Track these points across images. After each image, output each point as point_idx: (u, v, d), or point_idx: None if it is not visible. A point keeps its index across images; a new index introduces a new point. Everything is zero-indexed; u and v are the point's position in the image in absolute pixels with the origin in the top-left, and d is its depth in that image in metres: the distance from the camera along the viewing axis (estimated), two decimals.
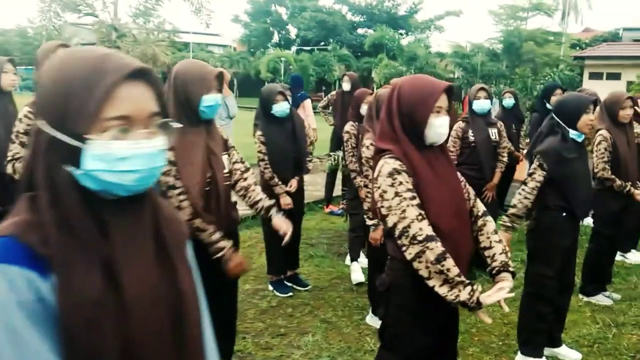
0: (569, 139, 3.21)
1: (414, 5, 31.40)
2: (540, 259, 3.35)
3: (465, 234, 2.12)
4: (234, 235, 2.86)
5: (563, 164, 3.18)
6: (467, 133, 4.89)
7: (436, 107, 2.04)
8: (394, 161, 2.03)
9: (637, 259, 5.40)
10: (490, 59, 15.41)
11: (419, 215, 1.96)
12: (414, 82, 2.12)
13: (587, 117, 3.18)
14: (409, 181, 2.00)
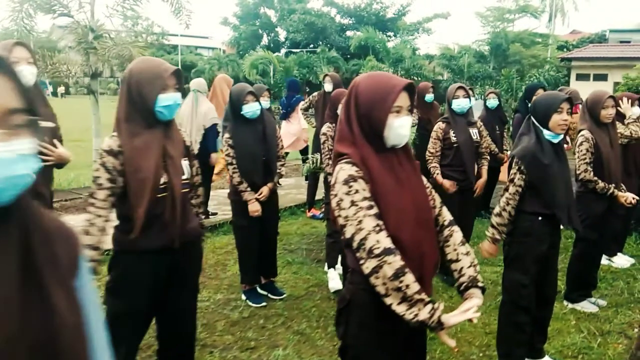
0: (544, 140, 3.04)
1: (402, 7, 31.33)
2: (515, 266, 3.19)
3: (430, 245, 1.93)
4: (194, 247, 2.65)
5: (538, 165, 3.01)
6: (449, 134, 4.71)
7: (395, 106, 1.85)
8: (350, 167, 1.84)
9: (623, 262, 5.23)
10: (478, 61, 15.29)
11: (377, 226, 1.77)
12: (371, 80, 1.92)
13: (558, 116, 3.01)
14: (366, 189, 1.81)
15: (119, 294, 2.47)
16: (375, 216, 1.78)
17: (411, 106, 1.92)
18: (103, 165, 2.33)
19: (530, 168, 3.02)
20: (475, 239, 6.11)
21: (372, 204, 1.79)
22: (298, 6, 32.73)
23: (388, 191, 1.82)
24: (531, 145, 3.05)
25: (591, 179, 4.03)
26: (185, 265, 2.57)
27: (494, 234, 3.17)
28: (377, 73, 1.96)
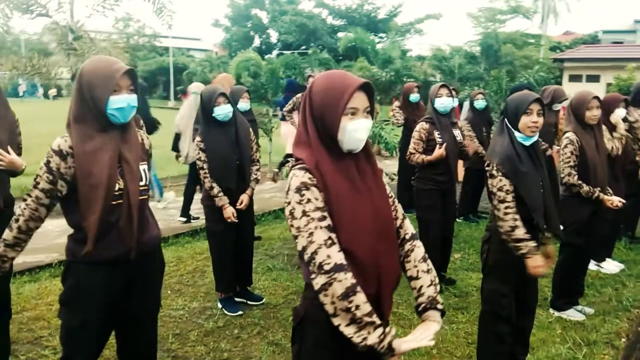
0: (517, 142, 2.92)
1: (394, 8, 31.27)
2: (494, 275, 3.07)
3: (389, 259, 1.79)
4: (153, 258, 2.50)
5: (514, 169, 2.88)
6: (433, 134, 4.58)
7: (350, 108, 1.71)
8: (303, 174, 1.70)
9: (612, 268, 5.11)
10: (469, 62, 15.21)
11: (328, 239, 1.64)
12: (326, 79, 1.77)
13: (527, 118, 2.88)
14: (319, 197, 1.68)
15: (72, 306, 2.33)
16: (328, 228, 1.65)
17: (370, 108, 1.78)
18: (47, 164, 2.20)
19: (509, 172, 2.89)
20: (462, 244, 6.02)
21: (324, 214, 1.66)
22: (289, 7, 32.63)
23: (343, 200, 1.69)
24: (505, 148, 2.93)
25: (575, 182, 3.91)
26: (144, 278, 2.42)
27: (528, 246, 2.86)
28: (333, 72, 1.82)
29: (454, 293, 4.59)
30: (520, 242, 2.86)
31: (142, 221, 2.36)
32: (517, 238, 2.86)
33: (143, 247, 2.35)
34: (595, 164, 3.91)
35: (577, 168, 3.92)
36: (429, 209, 4.66)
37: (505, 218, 2.87)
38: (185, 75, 34.03)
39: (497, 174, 2.92)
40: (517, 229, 2.85)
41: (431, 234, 4.67)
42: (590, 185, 3.90)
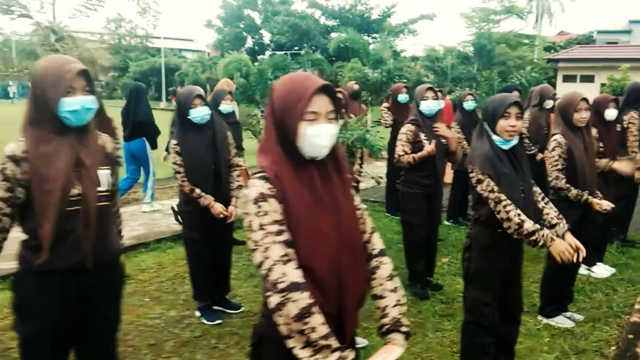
0: (496, 146, 2.82)
1: (387, 9, 31.19)
2: (476, 283, 2.98)
3: (355, 275, 1.68)
4: (112, 268, 2.39)
5: (496, 172, 2.79)
6: (419, 137, 4.48)
7: (309, 112, 1.60)
8: (262, 183, 1.60)
9: (603, 272, 5.03)
10: (462, 62, 15.14)
11: (285, 255, 1.54)
12: (286, 82, 1.68)
13: (505, 122, 2.79)
14: (278, 210, 1.57)
15: (24, 315, 2.23)
16: (285, 244, 1.55)
17: (335, 112, 1.67)
18: (2, 171, 2.09)
19: (492, 173, 2.80)
20: (450, 248, 5.93)
21: (282, 228, 1.56)
22: (282, 8, 32.54)
23: (302, 213, 1.58)
24: (486, 151, 2.84)
25: (563, 186, 3.82)
26: (102, 289, 2.31)
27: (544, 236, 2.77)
28: (294, 74, 1.71)
29: (440, 299, 4.49)
30: (533, 234, 2.77)
31: (101, 229, 2.25)
32: (529, 232, 2.77)
33: (101, 256, 2.25)
34: (584, 167, 3.82)
35: (566, 171, 3.83)
36: (414, 213, 4.57)
37: (510, 216, 2.77)
38: (177, 76, 33.91)
39: (484, 177, 2.83)
40: (525, 222, 2.76)
41: (416, 238, 4.58)
42: (578, 188, 3.81)
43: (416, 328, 3.97)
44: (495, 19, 22.44)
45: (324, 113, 1.63)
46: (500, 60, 15.53)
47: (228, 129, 4.25)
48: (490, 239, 2.93)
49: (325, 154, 1.65)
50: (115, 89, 44.48)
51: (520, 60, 18.33)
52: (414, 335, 3.85)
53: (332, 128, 1.64)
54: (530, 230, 2.76)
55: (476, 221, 3.02)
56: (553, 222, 2.97)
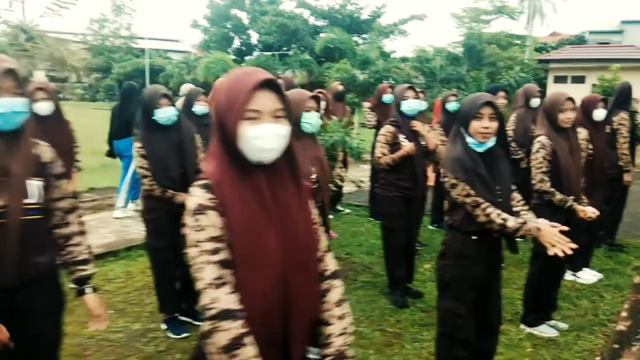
0: (469, 148, 2.71)
1: (377, 9, 31.13)
2: (449, 293, 2.87)
3: (305, 296, 1.54)
4: (43, 287, 2.22)
5: (468, 176, 2.67)
6: (398, 138, 4.36)
7: (250, 110, 1.46)
8: (202, 193, 1.46)
9: (590, 278, 4.93)
10: (451, 63, 15.07)
11: (218, 278, 1.41)
12: (228, 79, 1.54)
13: (477, 123, 2.68)
14: (217, 224, 1.43)
15: None
16: (220, 264, 1.41)
17: (284, 110, 1.52)
18: None
19: (464, 176, 2.69)
20: (434, 253, 5.77)
21: (218, 246, 1.42)
22: (270, 7, 32.39)
23: (245, 225, 1.44)
24: (458, 154, 2.72)
25: (547, 190, 3.71)
26: (33, 309, 2.15)
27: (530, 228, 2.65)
28: (238, 70, 1.57)
29: (420, 307, 4.36)
30: (519, 230, 2.67)
31: (28, 243, 2.08)
32: (514, 230, 2.66)
33: (28, 273, 2.09)
34: (569, 170, 3.71)
35: (550, 174, 3.73)
36: (393, 217, 4.46)
37: (491, 218, 2.66)
38: (161, 77, 33.63)
39: (457, 181, 2.71)
40: (508, 221, 2.66)
41: (397, 243, 4.48)
42: (563, 192, 3.70)
43: (393, 339, 3.85)
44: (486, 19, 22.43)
45: (268, 111, 1.48)
46: (490, 60, 15.47)
47: (196, 131, 4.11)
48: (464, 246, 2.81)
49: (271, 158, 1.49)
50: (98, 91, 44.12)
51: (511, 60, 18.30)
52: (391, 347, 3.73)
53: (279, 129, 1.49)
54: (515, 228, 2.66)
55: (450, 227, 2.91)
56: None
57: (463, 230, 2.78)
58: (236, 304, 1.40)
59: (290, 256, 1.50)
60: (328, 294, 1.64)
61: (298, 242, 1.53)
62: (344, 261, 5.51)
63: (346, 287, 4.72)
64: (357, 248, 5.91)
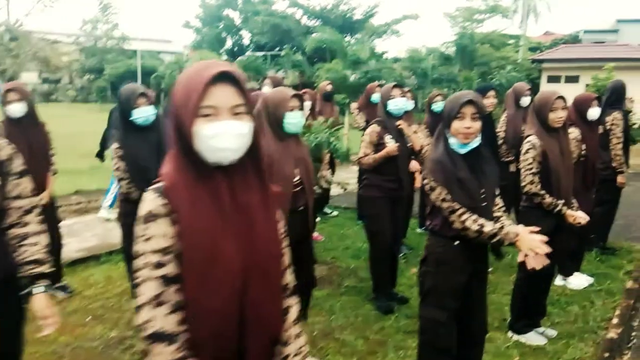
0: (451, 149, 2.63)
1: (370, 9, 31.08)
2: (430, 300, 2.79)
3: (265, 311, 1.43)
4: None
5: (448, 179, 2.59)
6: (384, 138, 4.27)
7: (205, 106, 1.34)
8: (154, 197, 1.35)
9: (581, 282, 4.85)
10: (443, 63, 15.01)
11: (157, 296, 1.31)
12: (185, 73, 1.43)
13: (459, 123, 2.60)
14: (167, 233, 1.33)
15: None
16: (163, 280, 1.32)
17: (245, 106, 1.39)
18: None
19: (443, 179, 2.60)
20: None
21: (163, 260, 1.32)
22: (262, 7, 32.25)
23: (199, 233, 1.33)
24: (438, 156, 2.64)
25: (538, 192, 3.62)
26: None
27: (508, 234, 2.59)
28: (198, 63, 1.44)
29: (405, 314, 4.26)
30: (496, 236, 2.59)
31: None
32: (490, 235, 2.59)
33: None
34: (559, 172, 3.62)
35: (540, 176, 3.64)
36: (377, 219, 4.36)
37: (466, 225, 2.59)
38: (153, 78, 33.43)
39: (436, 184, 2.63)
40: (484, 227, 2.59)
41: (381, 246, 4.38)
42: (553, 195, 3.61)
43: (377, 346, 3.75)
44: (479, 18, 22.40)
45: (226, 107, 1.36)
46: (482, 60, 15.42)
47: None
48: (445, 251, 2.73)
49: (230, 158, 1.37)
50: (90, 93, 43.86)
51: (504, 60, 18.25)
52: (374, 355, 3.64)
53: (238, 126, 1.36)
54: (492, 233, 2.59)
55: (431, 232, 2.82)
56: None
57: (444, 235, 2.70)
58: (174, 326, 1.30)
59: (252, 268, 1.39)
60: (288, 310, 1.55)
61: (261, 251, 1.41)
62: (330, 265, 5.42)
63: (330, 293, 4.67)
64: (343, 252, 5.81)
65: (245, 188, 1.41)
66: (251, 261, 1.39)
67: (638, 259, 5.61)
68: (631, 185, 9.15)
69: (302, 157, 3.23)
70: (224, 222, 1.36)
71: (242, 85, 1.39)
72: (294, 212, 3.15)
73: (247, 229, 1.39)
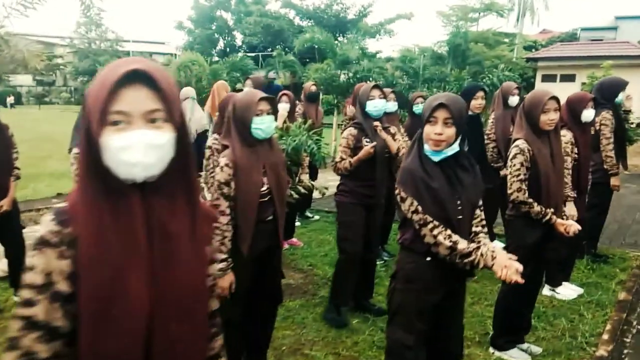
0: (424, 156, 2.39)
1: (363, 8, 30.86)
2: (397, 321, 2.55)
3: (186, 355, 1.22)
4: None
5: (419, 188, 2.34)
6: (361, 141, 4.01)
7: (114, 112, 1.12)
8: (50, 221, 1.14)
9: (569, 293, 4.59)
10: (435, 62, 14.74)
11: (26, 355, 1.12)
12: (100, 72, 1.18)
13: (430, 128, 2.36)
14: (53, 267, 1.12)
15: None
16: (25, 323, 1.12)
17: (165, 111, 1.15)
18: None
19: (413, 190, 2.36)
20: None
21: (38, 298, 1.12)
22: (255, 8, 32.05)
23: (97, 265, 1.11)
24: (409, 163, 2.40)
25: (525, 200, 3.36)
26: None
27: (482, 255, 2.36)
28: (117, 60, 1.20)
29: (381, 327, 4.00)
30: (470, 255, 2.34)
31: None
32: (464, 253, 2.34)
33: None
34: (549, 178, 3.35)
35: (528, 182, 3.38)
36: (348, 225, 4.10)
37: (438, 240, 2.35)
38: None
39: (406, 195, 2.38)
40: (458, 243, 2.34)
41: (347, 255, 4.11)
42: (542, 203, 3.35)
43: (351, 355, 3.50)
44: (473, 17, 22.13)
45: (139, 113, 1.13)
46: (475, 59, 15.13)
47: None
48: (416, 268, 2.49)
49: (146, 175, 1.14)
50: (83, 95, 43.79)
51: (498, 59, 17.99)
52: None
53: (155, 136, 1.13)
54: (467, 252, 2.34)
55: (402, 246, 2.57)
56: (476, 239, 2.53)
57: (415, 249, 2.45)
58: None
59: (166, 307, 1.16)
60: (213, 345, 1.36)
61: (178, 281, 1.18)
62: (306, 273, 5.17)
63: (303, 304, 4.41)
64: (321, 259, 5.56)
65: (168, 211, 1.18)
66: (165, 299, 1.16)
67: (632, 267, 5.33)
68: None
69: (274, 164, 2.97)
70: (132, 252, 1.13)
71: (160, 86, 1.14)
72: (261, 222, 2.91)
73: (163, 261, 1.16)
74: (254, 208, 2.83)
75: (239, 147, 2.82)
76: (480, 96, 5.02)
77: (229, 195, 2.78)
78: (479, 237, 2.48)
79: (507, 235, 3.64)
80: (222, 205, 2.78)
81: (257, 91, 3.07)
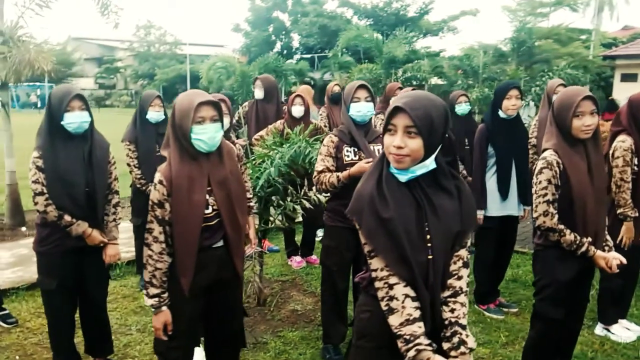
0: (390, 175, 1.87)
1: (425, 5, 29.98)
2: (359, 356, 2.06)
3: None
4: None
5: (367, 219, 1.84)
6: (342, 151, 3.47)
7: None
8: None
9: (626, 335, 3.88)
10: (498, 61, 13.95)
11: None
12: None
13: (389, 139, 1.85)
14: None
15: None
16: None
17: None
18: None
19: (363, 223, 1.86)
20: None
21: None
22: (311, 8, 31.83)
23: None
24: (361, 185, 1.91)
25: (554, 226, 2.79)
26: None
27: None
28: None
29: None
30: (420, 346, 1.77)
31: None
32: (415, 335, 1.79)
33: None
34: (585, 199, 2.77)
35: (558, 204, 2.80)
36: (331, 252, 3.63)
37: (392, 306, 1.83)
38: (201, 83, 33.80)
39: (359, 227, 1.89)
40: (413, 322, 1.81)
41: (332, 286, 3.65)
42: (577, 230, 2.76)
43: None
44: (543, 12, 21.00)
45: None
46: (544, 57, 14.18)
47: (109, 145, 3.45)
48: (370, 319, 2.00)
49: None
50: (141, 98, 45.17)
51: (571, 57, 16.89)
52: None
53: None
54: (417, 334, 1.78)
55: (366, 293, 2.05)
56: (449, 332, 1.89)
57: (373, 293, 1.92)
58: None
59: None
60: None
61: None
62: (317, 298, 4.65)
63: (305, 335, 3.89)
64: None
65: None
66: None
67: None
68: None
69: (223, 179, 2.53)
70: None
71: None
72: (206, 250, 2.49)
73: None
74: (195, 234, 2.41)
75: (177, 160, 2.41)
76: (514, 95, 4.32)
77: (163, 218, 2.38)
78: (449, 306, 1.91)
79: (535, 269, 3.04)
80: (154, 230, 2.38)
81: (198, 93, 2.52)
